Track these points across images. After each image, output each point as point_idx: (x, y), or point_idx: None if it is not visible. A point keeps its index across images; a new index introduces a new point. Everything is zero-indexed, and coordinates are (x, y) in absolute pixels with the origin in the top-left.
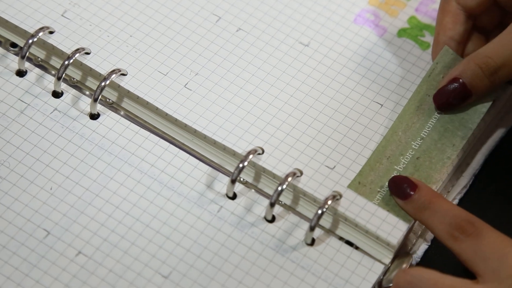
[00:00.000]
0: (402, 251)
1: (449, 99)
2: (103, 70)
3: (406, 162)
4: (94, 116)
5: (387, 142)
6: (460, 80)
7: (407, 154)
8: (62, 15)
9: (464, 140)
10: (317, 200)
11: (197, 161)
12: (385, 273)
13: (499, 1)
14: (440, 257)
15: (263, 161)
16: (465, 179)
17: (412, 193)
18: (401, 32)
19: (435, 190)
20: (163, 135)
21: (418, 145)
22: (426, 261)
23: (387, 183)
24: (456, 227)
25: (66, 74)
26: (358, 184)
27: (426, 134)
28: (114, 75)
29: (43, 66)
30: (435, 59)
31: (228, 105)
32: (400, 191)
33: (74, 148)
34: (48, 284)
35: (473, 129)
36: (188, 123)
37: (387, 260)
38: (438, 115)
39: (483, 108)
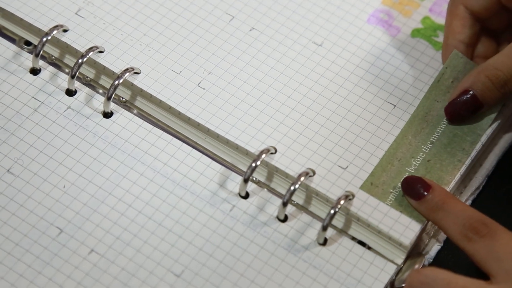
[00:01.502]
0: (414, 252)
1: (461, 111)
2: (117, 69)
3: (417, 164)
4: (107, 115)
5: (397, 145)
6: (471, 92)
7: (418, 157)
8: (76, 14)
9: (474, 145)
10: (330, 200)
11: (210, 160)
12: (397, 273)
13: (507, 5)
14: (453, 258)
15: (276, 161)
16: (478, 180)
17: (425, 193)
18: (415, 33)
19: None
20: (176, 134)
21: (428, 149)
22: (438, 262)
23: (399, 184)
24: (470, 227)
25: (79, 73)
26: (371, 185)
27: (435, 138)
28: (127, 74)
29: (57, 64)
30: (444, 63)
31: (241, 104)
32: (414, 192)
33: (87, 146)
34: (61, 282)
35: (481, 135)
36: (201, 122)
37: (400, 261)
38: (447, 121)
39: (491, 114)
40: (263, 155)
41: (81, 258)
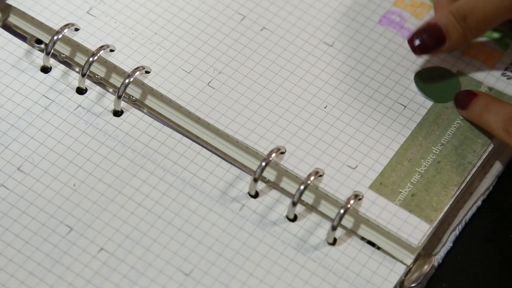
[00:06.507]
0: (424, 252)
1: (425, 38)
2: (127, 67)
3: (427, 165)
4: (117, 113)
5: (408, 146)
6: (436, 23)
7: (428, 158)
8: (87, 12)
9: (484, 147)
10: (339, 200)
11: (220, 159)
12: (406, 273)
13: None
14: (462, 258)
15: (285, 161)
16: (488, 181)
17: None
18: None
19: (457, 191)
20: (186, 133)
21: (438, 150)
22: (448, 262)
23: (408, 184)
24: (509, 121)
25: (90, 71)
26: (380, 185)
27: (446, 140)
28: (138, 73)
29: (67, 62)
30: None
31: (250, 104)
32: (460, 102)
33: (98, 145)
34: (70, 280)
35: (492, 137)
36: (210, 121)
37: (409, 261)
38: (458, 124)
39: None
40: (273, 155)
41: (90, 256)
